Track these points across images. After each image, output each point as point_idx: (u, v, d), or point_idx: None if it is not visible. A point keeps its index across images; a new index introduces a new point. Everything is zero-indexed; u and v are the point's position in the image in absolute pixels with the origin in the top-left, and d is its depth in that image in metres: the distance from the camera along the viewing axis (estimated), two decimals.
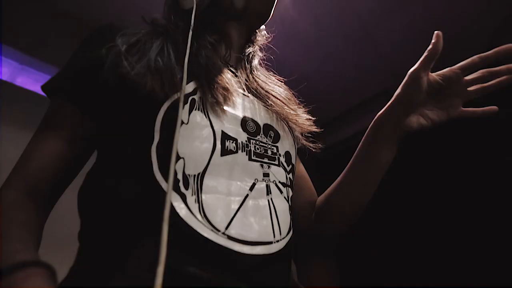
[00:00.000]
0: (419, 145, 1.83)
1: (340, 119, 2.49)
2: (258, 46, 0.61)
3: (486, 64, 0.46)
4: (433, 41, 0.45)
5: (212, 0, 0.50)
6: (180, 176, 0.34)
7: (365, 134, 0.52)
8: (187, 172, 0.35)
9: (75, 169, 0.43)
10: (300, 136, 0.57)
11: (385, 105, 0.49)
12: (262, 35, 0.63)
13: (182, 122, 0.36)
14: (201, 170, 0.36)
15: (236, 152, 0.40)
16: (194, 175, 0.35)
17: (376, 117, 0.50)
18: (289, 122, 0.54)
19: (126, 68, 0.36)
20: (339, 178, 0.55)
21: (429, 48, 0.45)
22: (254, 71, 0.56)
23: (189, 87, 0.40)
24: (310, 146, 0.59)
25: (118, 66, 0.37)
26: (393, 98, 0.48)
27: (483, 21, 1.78)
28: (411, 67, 0.46)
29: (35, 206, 0.37)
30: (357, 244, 2.21)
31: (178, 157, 0.35)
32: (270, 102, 0.51)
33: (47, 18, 1.44)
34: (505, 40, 1.78)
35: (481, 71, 0.47)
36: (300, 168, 0.63)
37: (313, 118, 0.59)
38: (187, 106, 0.38)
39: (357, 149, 0.54)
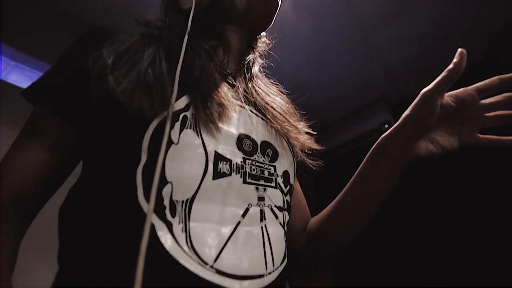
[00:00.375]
0: None
1: (337, 124, 2.48)
2: (259, 52, 0.58)
3: (507, 87, 0.41)
4: (455, 60, 0.39)
5: (212, 0, 0.48)
6: (167, 203, 0.31)
7: (366, 158, 0.48)
8: (174, 198, 0.32)
9: (57, 181, 0.40)
10: (300, 152, 0.54)
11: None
12: (263, 41, 0.60)
13: (172, 142, 0.33)
14: (190, 195, 0.33)
15: (230, 174, 0.37)
16: (182, 201, 0.32)
17: (379, 140, 0.46)
18: (289, 138, 0.51)
19: (112, 84, 0.33)
20: (333, 204, 0.52)
21: (449, 67, 0.39)
22: (253, 80, 0.53)
23: (181, 103, 0.37)
24: (311, 164, 0.56)
25: (103, 81, 0.34)
26: (400, 120, 0.43)
27: (482, 28, 1.78)
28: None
29: (14, 219, 0.35)
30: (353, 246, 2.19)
31: (166, 181, 0.32)
32: (269, 115, 0.48)
33: (41, 15, 1.41)
34: (504, 47, 1.80)
35: (502, 95, 0.42)
36: (296, 186, 0.60)
37: (314, 133, 0.56)
38: (177, 124, 0.35)
39: (356, 173, 0.49)
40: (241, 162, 0.39)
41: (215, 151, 0.37)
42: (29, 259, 1.00)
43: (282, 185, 0.45)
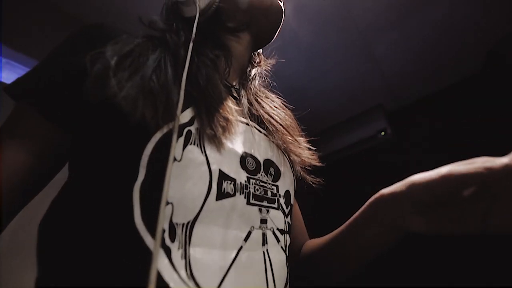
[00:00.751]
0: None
1: (334, 130, 2.48)
2: (260, 67, 0.57)
3: None
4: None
5: (216, 10, 0.46)
6: (166, 226, 0.28)
7: (359, 212, 0.43)
8: (174, 221, 0.29)
9: (37, 186, 0.37)
10: (300, 169, 0.52)
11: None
12: (264, 59, 0.59)
13: (174, 159, 0.31)
14: (191, 217, 0.30)
15: (234, 195, 0.35)
16: (183, 224, 0.30)
17: (378, 194, 0.39)
18: (290, 155, 0.49)
19: (114, 88, 0.30)
20: (332, 236, 0.48)
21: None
22: (257, 93, 0.52)
23: (186, 116, 0.34)
24: (311, 182, 0.54)
25: (104, 84, 0.31)
26: (407, 180, 0.35)
27: (481, 38, 1.79)
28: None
29: None
30: None
31: (166, 202, 0.29)
32: (272, 129, 0.47)
33: (32, 11, 1.37)
34: (503, 57, 1.81)
35: None
36: (295, 206, 0.58)
37: (314, 149, 0.55)
38: (181, 139, 0.32)
39: (344, 226, 0.45)
40: (245, 181, 0.37)
41: (220, 170, 0.34)
42: (16, 268, 0.96)
43: (284, 206, 0.43)
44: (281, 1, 0.51)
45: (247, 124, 0.43)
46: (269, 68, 0.59)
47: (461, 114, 2.01)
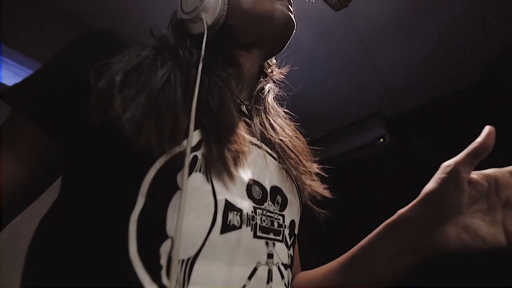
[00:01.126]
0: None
1: (332, 136, 2.47)
2: (272, 79, 0.54)
3: None
4: (482, 137, 0.33)
5: (224, 25, 0.44)
6: (164, 261, 0.26)
7: (372, 236, 0.41)
8: None
9: (28, 197, 0.35)
10: (308, 198, 0.49)
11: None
12: (275, 67, 0.57)
13: (177, 188, 0.28)
14: (193, 253, 0.28)
15: (240, 227, 0.32)
16: (183, 260, 0.27)
17: (395, 217, 0.38)
18: (300, 184, 0.46)
19: (118, 109, 0.28)
20: (328, 272, 0.46)
21: (476, 141, 0.33)
22: (269, 112, 0.49)
23: (193, 140, 0.32)
24: (318, 212, 0.50)
25: (107, 104, 0.29)
26: (421, 195, 0.36)
27: (480, 48, 1.80)
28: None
29: None
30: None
31: (165, 236, 0.27)
32: (283, 154, 0.44)
33: (29, 8, 1.33)
34: (501, 68, 1.82)
35: None
36: None
37: (326, 175, 0.52)
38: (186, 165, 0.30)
39: (354, 250, 0.43)
40: (252, 212, 0.34)
41: (226, 200, 0.32)
42: None
43: (288, 238, 0.40)
44: (292, 12, 0.48)
45: (258, 146, 0.41)
46: (282, 78, 0.57)
47: (460, 122, 2.01)
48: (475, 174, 0.35)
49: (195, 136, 0.32)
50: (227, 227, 0.31)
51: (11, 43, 1.24)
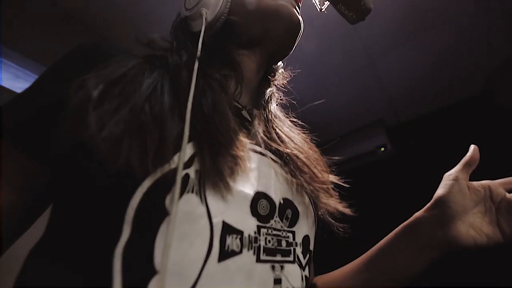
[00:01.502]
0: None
1: (334, 143, 2.45)
2: (276, 85, 0.52)
3: None
4: (470, 152, 0.43)
5: (225, 23, 0.42)
6: None
7: (391, 236, 0.44)
8: None
9: (24, 223, 0.31)
10: (324, 209, 0.45)
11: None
12: (280, 73, 0.54)
13: (166, 214, 0.25)
14: (188, 287, 0.24)
15: (240, 252, 0.29)
16: None
17: (412, 219, 0.43)
18: (315, 199, 0.43)
19: (91, 128, 0.25)
20: (346, 275, 0.46)
21: (467, 156, 0.43)
22: (274, 118, 0.46)
23: (184, 155, 0.28)
24: (335, 226, 0.47)
25: (82, 121, 0.25)
26: (433, 199, 0.42)
27: (482, 61, 1.80)
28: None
29: None
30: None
31: (154, 271, 0.23)
32: (294, 169, 0.40)
33: (28, 9, 1.32)
34: (502, 80, 1.82)
35: None
36: None
37: (346, 185, 0.49)
38: (177, 186, 0.26)
39: (377, 248, 0.45)
40: (255, 233, 0.31)
41: (223, 222, 0.28)
42: None
43: (301, 257, 0.37)
44: (299, 13, 0.46)
45: (262, 153, 0.37)
46: (285, 83, 0.54)
47: (461, 133, 2.00)
48: (473, 183, 0.42)
49: (187, 151, 0.29)
50: (225, 254, 0.27)
51: (11, 45, 1.22)
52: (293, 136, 0.47)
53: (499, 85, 1.86)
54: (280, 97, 0.53)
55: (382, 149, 2.21)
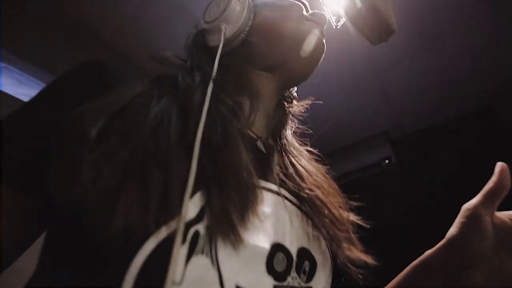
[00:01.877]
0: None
1: (338, 154, 2.43)
2: (291, 113, 0.48)
3: None
4: (496, 175, 0.30)
5: (245, 41, 0.39)
6: None
7: (401, 278, 0.37)
8: None
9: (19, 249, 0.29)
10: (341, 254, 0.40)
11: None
12: (296, 98, 0.51)
13: (173, 282, 0.21)
14: None
15: None
16: None
17: (422, 258, 0.35)
18: (334, 245, 0.38)
19: (84, 180, 0.21)
20: None
21: (491, 181, 0.31)
22: (292, 149, 0.43)
23: (192, 209, 0.24)
24: (354, 273, 0.40)
25: (73, 171, 0.22)
26: (445, 239, 0.34)
27: (489, 76, 1.81)
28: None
29: None
30: None
31: None
32: (312, 211, 0.37)
33: (32, 15, 1.30)
34: (506, 97, 1.81)
35: None
36: None
37: (366, 226, 0.43)
38: (184, 247, 0.22)
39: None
40: None
41: (237, 286, 0.25)
42: None
43: None
44: (324, 37, 0.43)
45: (277, 193, 0.34)
46: (303, 111, 0.51)
47: (466, 147, 1.98)
48: (501, 214, 0.32)
49: (196, 203, 0.25)
50: None
51: (13, 49, 1.21)
52: (311, 170, 0.43)
53: (502, 103, 1.85)
54: (295, 125, 0.50)
55: (387, 161, 2.19)
